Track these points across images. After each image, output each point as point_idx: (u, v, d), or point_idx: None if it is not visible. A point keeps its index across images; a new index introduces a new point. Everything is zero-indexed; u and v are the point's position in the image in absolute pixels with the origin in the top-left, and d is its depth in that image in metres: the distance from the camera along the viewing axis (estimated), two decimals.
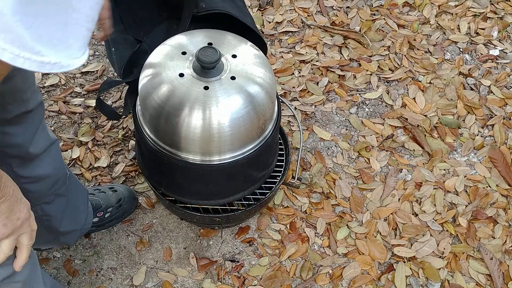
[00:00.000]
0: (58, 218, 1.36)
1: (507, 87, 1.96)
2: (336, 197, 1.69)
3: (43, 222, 1.34)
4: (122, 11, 1.33)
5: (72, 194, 1.38)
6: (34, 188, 1.25)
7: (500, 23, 2.15)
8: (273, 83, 1.25)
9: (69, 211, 1.39)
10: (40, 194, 1.28)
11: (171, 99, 1.17)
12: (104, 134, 1.82)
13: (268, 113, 1.25)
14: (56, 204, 1.33)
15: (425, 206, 1.67)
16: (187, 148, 1.22)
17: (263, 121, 1.24)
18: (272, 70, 1.27)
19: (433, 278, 1.53)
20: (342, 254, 1.59)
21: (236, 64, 1.19)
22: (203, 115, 1.15)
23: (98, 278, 1.55)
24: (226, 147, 1.23)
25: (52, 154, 1.26)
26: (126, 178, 1.73)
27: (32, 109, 1.14)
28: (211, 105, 1.15)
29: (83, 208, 1.46)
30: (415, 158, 1.78)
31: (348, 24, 2.15)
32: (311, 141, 1.82)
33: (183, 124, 1.17)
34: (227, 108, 1.16)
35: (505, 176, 1.73)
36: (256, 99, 1.18)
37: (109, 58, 1.44)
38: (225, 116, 1.16)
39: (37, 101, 1.16)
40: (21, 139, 1.15)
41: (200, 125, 1.16)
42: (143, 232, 1.63)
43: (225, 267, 1.56)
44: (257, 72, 1.21)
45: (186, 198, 1.42)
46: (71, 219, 1.41)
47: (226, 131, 1.18)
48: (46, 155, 1.23)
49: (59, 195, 1.33)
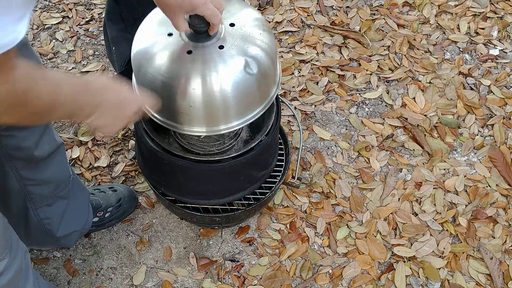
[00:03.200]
0: (58, 220, 1.37)
1: (507, 86, 1.96)
2: (336, 196, 1.69)
3: (43, 225, 1.35)
4: (122, 10, 1.33)
5: (74, 196, 1.39)
6: (37, 190, 1.26)
7: (500, 22, 2.15)
8: (273, 45, 1.16)
9: (70, 213, 1.39)
10: (42, 197, 1.29)
11: (161, 61, 1.09)
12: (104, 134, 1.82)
13: (271, 75, 1.18)
14: (57, 207, 1.34)
15: (425, 206, 1.67)
16: (190, 120, 1.14)
17: (265, 85, 1.16)
18: (272, 34, 1.18)
19: (433, 278, 1.53)
20: (342, 254, 1.59)
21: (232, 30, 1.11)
22: (202, 80, 1.07)
23: (98, 277, 1.55)
24: (230, 112, 1.14)
25: (57, 158, 1.27)
26: (126, 178, 1.73)
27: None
28: (210, 69, 1.08)
29: (84, 209, 1.46)
30: (415, 158, 1.78)
31: (348, 23, 2.15)
32: (311, 140, 1.82)
33: (178, 89, 1.09)
34: (227, 71, 1.08)
35: (505, 176, 1.73)
36: (257, 59, 1.10)
37: (109, 57, 1.44)
38: (225, 80, 1.09)
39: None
40: (27, 143, 1.16)
41: (199, 88, 1.07)
42: (143, 232, 1.63)
43: (225, 267, 1.56)
44: (255, 35, 1.13)
45: (186, 198, 1.42)
46: (71, 221, 1.41)
47: (227, 94, 1.10)
48: (51, 158, 1.24)
49: (60, 198, 1.33)
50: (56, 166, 1.27)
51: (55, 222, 1.36)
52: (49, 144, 1.22)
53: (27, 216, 1.30)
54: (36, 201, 1.28)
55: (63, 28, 2.16)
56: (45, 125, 1.19)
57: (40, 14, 2.21)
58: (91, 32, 2.14)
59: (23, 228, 1.32)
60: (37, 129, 1.17)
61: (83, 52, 2.07)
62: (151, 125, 1.28)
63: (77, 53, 2.06)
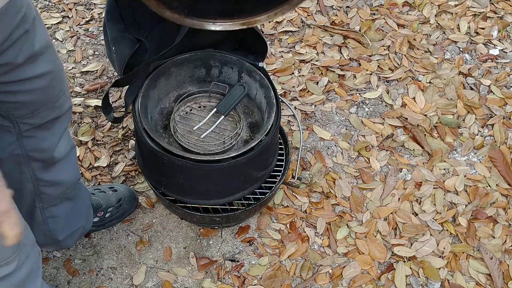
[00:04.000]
0: (62, 220, 1.37)
1: (507, 86, 1.96)
2: (336, 196, 1.69)
3: (47, 224, 1.35)
4: (122, 10, 1.33)
5: (79, 198, 1.40)
6: (49, 191, 1.28)
7: (500, 22, 2.15)
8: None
9: (73, 215, 1.40)
10: (52, 197, 1.30)
11: None
12: (104, 133, 1.82)
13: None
14: (63, 207, 1.35)
15: (425, 206, 1.67)
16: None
17: None
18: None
19: (433, 278, 1.53)
20: (342, 254, 1.59)
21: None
22: None
23: (98, 277, 1.55)
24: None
25: (71, 160, 1.29)
26: (126, 178, 1.73)
27: (62, 114, 1.16)
28: None
29: (85, 211, 1.47)
30: (415, 158, 1.78)
31: (348, 23, 2.15)
32: (311, 140, 1.82)
33: None
34: None
35: (505, 176, 1.73)
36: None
37: (109, 57, 1.44)
38: None
39: (67, 106, 1.18)
40: (48, 144, 1.18)
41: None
42: (143, 232, 1.63)
43: (225, 267, 1.56)
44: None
45: (186, 198, 1.42)
46: (73, 221, 1.42)
47: None
48: (66, 160, 1.25)
49: (68, 199, 1.35)
50: (69, 167, 1.29)
51: (59, 222, 1.37)
52: (66, 146, 1.24)
53: (33, 215, 1.31)
54: (45, 201, 1.29)
55: (63, 28, 2.15)
56: (65, 126, 1.20)
57: (40, 14, 2.21)
58: (91, 32, 2.14)
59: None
60: (57, 130, 1.18)
61: (83, 52, 2.07)
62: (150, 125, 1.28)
63: (77, 53, 2.06)
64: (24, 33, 0.96)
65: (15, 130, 1.11)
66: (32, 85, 1.04)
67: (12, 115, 1.08)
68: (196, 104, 1.49)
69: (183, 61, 1.43)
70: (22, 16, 0.94)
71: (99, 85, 1.95)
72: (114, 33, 1.31)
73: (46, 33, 1.07)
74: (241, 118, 1.44)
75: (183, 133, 1.40)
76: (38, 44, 1.01)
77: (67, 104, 1.17)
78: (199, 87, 1.50)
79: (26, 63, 1.00)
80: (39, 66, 1.03)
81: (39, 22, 1.02)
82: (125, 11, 1.34)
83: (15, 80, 1.01)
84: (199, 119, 1.43)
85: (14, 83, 1.02)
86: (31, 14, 0.98)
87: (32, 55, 1.00)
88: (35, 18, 1.00)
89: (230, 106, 1.41)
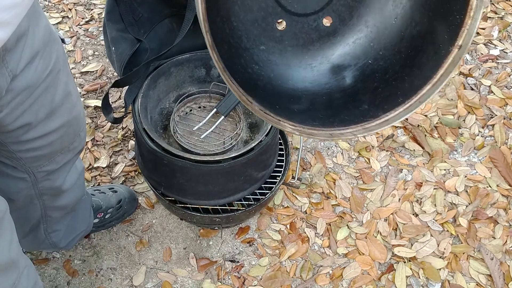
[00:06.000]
0: (63, 230, 1.38)
1: (507, 87, 1.96)
2: (336, 197, 1.69)
3: (49, 238, 1.36)
4: (122, 10, 1.32)
5: (81, 208, 1.41)
6: (55, 214, 1.32)
7: (500, 22, 2.15)
8: None
9: (74, 223, 1.41)
10: (57, 218, 1.33)
11: None
12: (104, 134, 1.82)
13: None
14: (65, 220, 1.37)
15: (425, 206, 1.67)
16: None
17: None
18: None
19: (434, 278, 1.53)
20: (342, 254, 1.58)
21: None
22: None
23: (97, 278, 1.54)
24: None
25: (78, 185, 1.29)
26: (125, 178, 1.72)
27: (75, 155, 1.17)
28: None
29: (86, 216, 1.47)
30: (415, 158, 1.78)
31: None
32: (311, 141, 1.82)
33: None
34: None
35: (506, 176, 1.73)
36: None
37: (109, 57, 1.44)
38: None
39: (81, 147, 1.18)
40: (58, 181, 1.19)
41: None
42: (142, 232, 1.63)
43: (225, 267, 1.56)
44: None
45: (186, 198, 1.42)
46: (75, 227, 1.43)
47: None
48: (73, 188, 1.26)
49: (70, 211, 1.36)
50: (76, 191, 1.30)
51: (61, 233, 1.38)
52: (74, 175, 1.24)
53: (36, 232, 1.33)
54: (50, 222, 1.31)
55: (63, 28, 2.15)
56: (75, 157, 1.20)
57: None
58: (91, 32, 2.14)
59: (29, 240, 1.34)
60: (68, 165, 1.19)
61: (82, 52, 2.07)
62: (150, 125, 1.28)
63: (77, 53, 2.06)
64: (44, 90, 0.93)
65: (30, 179, 1.12)
66: (49, 139, 1.03)
67: (29, 167, 1.08)
68: (196, 104, 1.49)
69: (183, 61, 1.43)
70: (48, 73, 0.92)
71: (99, 85, 1.95)
72: (114, 33, 1.31)
73: (68, 80, 1.03)
74: (241, 119, 1.44)
75: (183, 134, 1.40)
76: (58, 96, 0.98)
77: (81, 145, 1.17)
78: (199, 88, 1.49)
79: (45, 118, 0.98)
80: (58, 118, 1.01)
81: (64, 71, 0.98)
82: (125, 11, 1.33)
83: (35, 137, 0.99)
84: (199, 120, 1.43)
85: (34, 140, 1.00)
86: (56, 67, 0.95)
87: (51, 111, 0.98)
88: (60, 70, 0.97)
89: (230, 106, 1.40)
